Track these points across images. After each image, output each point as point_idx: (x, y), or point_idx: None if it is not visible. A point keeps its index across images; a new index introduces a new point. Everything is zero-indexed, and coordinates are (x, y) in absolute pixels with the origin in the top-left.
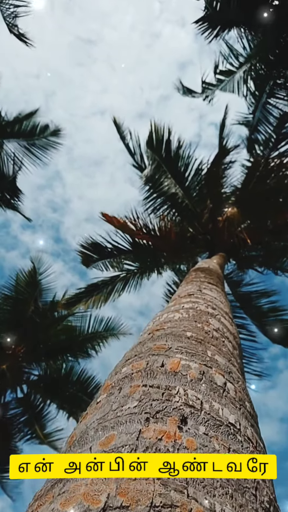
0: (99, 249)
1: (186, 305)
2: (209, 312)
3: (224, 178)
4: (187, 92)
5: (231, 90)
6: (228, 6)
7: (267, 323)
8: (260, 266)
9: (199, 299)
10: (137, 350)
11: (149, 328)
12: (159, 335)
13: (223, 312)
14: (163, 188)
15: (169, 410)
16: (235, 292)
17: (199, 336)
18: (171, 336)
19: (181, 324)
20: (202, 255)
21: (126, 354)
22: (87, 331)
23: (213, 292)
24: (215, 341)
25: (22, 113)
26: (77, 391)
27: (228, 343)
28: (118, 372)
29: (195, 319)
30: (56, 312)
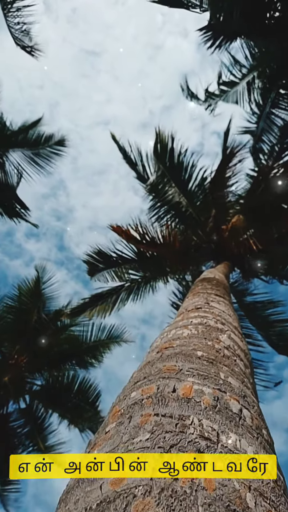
0: (104, 258)
1: (195, 320)
2: (218, 328)
3: (228, 187)
4: (191, 96)
5: (234, 101)
6: (231, 17)
7: (273, 333)
8: (266, 275)
9: (207, 314)
10: (146, 372)
11: (157, 346)
12: (169, 355)
13: (233, 327)
14: (167, 197)
15: (184, 444)
16: (240, 301)
17: (210, 356)
18: (181, 356)
19: (190, 341)
20: (206, 263)
21: (134, 375)
22: (90, 340)
23: (221, 305)
24: (227, 360)
25: (26, 122)
26: (79, 400)
27: (240, 361)
28: (127, 397)
29: (204, 336)
30: (59, 322)
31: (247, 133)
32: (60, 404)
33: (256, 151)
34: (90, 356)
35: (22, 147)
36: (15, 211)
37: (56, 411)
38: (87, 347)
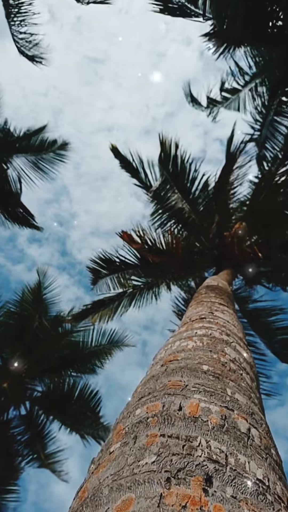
0: (107, 264)
1: (199, 331)
2: (223, 340)
3: (232, 193)
4: (193, 102)
5: (236, 108)
6: (234, 25)
7: (276, 341)
8: (269, 282)
9: (212, 324)
10: (150, 387)
11: (161, 358)
12: (174, 369)
13: (238, 338)
14: (170, 203)
15: (192, 468)
16: (242, 308)
17: (216, 370)
18: (187, 371)
19: (195, 354)
20: (209, 270)
21: (138, 390)
22: (91, 345)
23: (225, 315)
24: (233, 374)
25: (30, 129)
26: (80, 407)
27: (246, 375)
28: (132, 414)
29: (210, 348)
30: (60, 327)
31: (251, 140)
32: (60, 411)
33: (260, 158)
34: (91, 362)
35: (26, 152)
36: (19, 216)
37: (56, 417)
38: (88, 352)
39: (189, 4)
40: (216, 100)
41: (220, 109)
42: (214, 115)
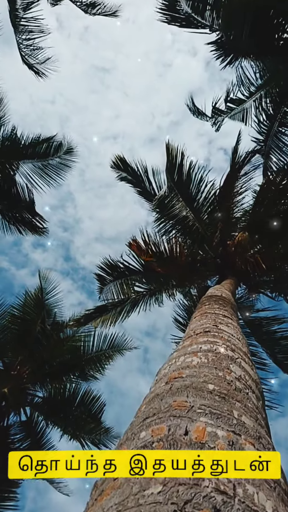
0: (112, 269)
1: (204, 346)
2: (229, 356)
3: (235, 203)
4: (197, 113)
5: (240, 119)
6: (240, 37)
7: (278, 351)
8: (271, 291)
9: (216, 339)
10: (155, 407)
11: (166, 374)
12: (179, 388)
13: (243, 354)
14: (174, 211)
15: (199, 500)
16: (245, 317)
17: (222, 390)
18: (192, 390)
19: (201, 372)
20: (212, 278)
21: (142, 409)
22: (92, 350)
23: (230, 328)
24: (239, 394)
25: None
26: (81, 413)
27: (252, 394)
28: (136, 437)
29: (215, 365)
30: (62, 332)
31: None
32: (61, 417)
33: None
34: (92, 367)
35: (33, 158)
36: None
37: (57, 424)
38: (89, 357)
39: (196, 15)
40: (221, 110)
41: (225, 119)
42: (218, 125)
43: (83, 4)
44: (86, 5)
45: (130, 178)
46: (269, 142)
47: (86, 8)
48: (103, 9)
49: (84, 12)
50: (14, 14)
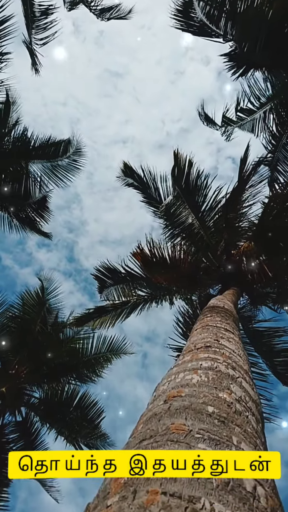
0: (112, 274)
1: (205, 363)
2: (229, 375)
3: (242, 213)
4: (207, 121)
5: (249, 129)
6: (254, 49)
7: (279, 363)
8: (274, 303)
9: (217, 355)
10: (152, 429)
11: (164, 391)
12: (178, 408)
13: (243, 372)
14: (180, 218)
15: None
16: (246, 328)
17: (222, 413)
18: (191, 412)
19: (200, 391)
20: (214, 287)
21: (139, 429)
22: (91, 352)
23: (231, 344)
24: (239, 418)
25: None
26: (77, 416)
27: (252, 417)
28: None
29: (215, 384)
30: (61, 333)
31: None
32: (57, 419)
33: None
34: (90, 370)
35: (43, 159)
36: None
37: (52, 425)
38: (88, 360)
39: (210, 24)
40: (231, 119)
41: (235, 128)
42: (228, 134)
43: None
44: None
45: (136, 185)
46: (277, 154)
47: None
48: (115, 13)
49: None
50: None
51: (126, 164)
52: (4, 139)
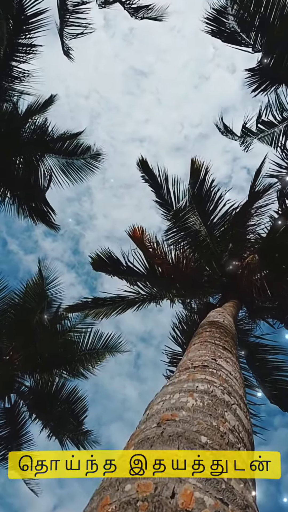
0: (114, 264)
1: (201, 385)
2: (225, 401)
3: (250, 225)
4: (226, 131)
5: (269, 142)
6: (280, 64)
7: (269, 380)
8: (272, 318)
9: (214, 377)
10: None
11: (158, 411)
12: (171, 435)
13: (239, 397)
14: (188, 224)
15: None
16: (242, 340)
17: (215, 444)
18: (184, 441)
19: (195, 418)
20: (215, 296)
21: (130, 450)
22: (86, 347)
23: (229, 365)
24: (231, 450)
25: (67, 132)
26: (65, 410)
27: (243, 448)
28: (121, 487)
29: (210, 411)
30: (59, 324)
31: (277, 176)
32: (45, 410)
33: (283, 196)
34: (83, 364)
35: (59, 154)
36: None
37: (39, 416)
38: (82, 354)
39: (241, 33)
40: (251, 130)
41: (254, 140)
42: (247, 145)
43: (131, 8)
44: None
45: (150, 182)
46: None
47: (133, 12)
48: (149, 13)
49: (131, 15)
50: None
51: (142, 159)
52: (26, 126)
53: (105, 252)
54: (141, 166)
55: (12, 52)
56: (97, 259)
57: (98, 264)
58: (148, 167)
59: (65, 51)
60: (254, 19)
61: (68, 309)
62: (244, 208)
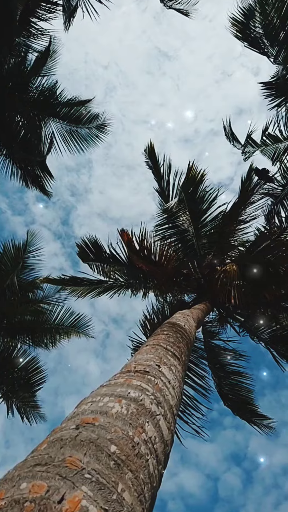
0: (97, 251)
1: (133, 393)
2: (150, 411)
3: (234, 234)
4: (231, 137)
5: (270, 157)
6: None
7: (225, 383)
8: (240, 326)
9: (149, 385)
10: (50, 456)
11: (84, 411)
12: (83, 440)
13: (168, 408)
14: (177, 221)
15: None
16: (206, 342)
17: (122, 455)
18: (93, 448)
19: (113, 425)
20: (190, 294)
21: (42, 447)
22: (54, 321)
23: (171, 373)
24: (138, 461)
25: (75, 98)
26: (20, 377)
27: (153, 460)
28: (18, 484)
29: (131, 420)
30: (32, 293)
31: (271, 193)
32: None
33: (272, 212)
34: (48, 337)
35: (64, 120)
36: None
37: None
38: (49, 327)
39: (265, 40)
40: (255, 141)
41: (256, 152)
42: (248, 155)
43: None
44: None
45: (153, 170)
46: (286, 189)
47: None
48: (178, 4)
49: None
50: None
51: (151, 145)
52: (33, 86)
53: (89, 241)
54: (148, 152)
55: (34, 8)
56: (82, 248)
57: (83, 254)
58: (154, 155)
59: None
60: (279, 32)
61: (45, 280)
62: (230, 216)
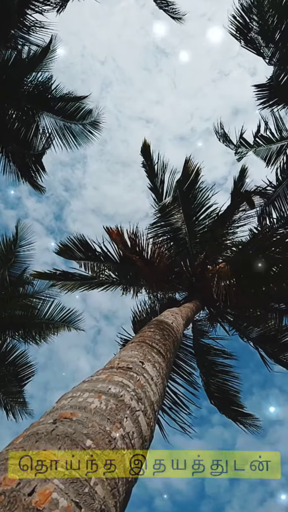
0: (86, 249)
1: (113, 389)
2: (130, 407)
3: (227, 234)
4: (223, 138)
5: (263, 158)
6: None
7: (213, 382)
8: (229, 325)
9: (131, 381)
10: (27, 445)
11: (63, 406)
12: (59, 434)
13: (148, 404)
14: (171, 219)
15: None
16: (195, 340)
17: (97, 449)
18: (68, 442)
19: (91, 420)
20: (181, 293)
21: (18, 441)
22: (44, 316)
23: (154, 370)
24: (113, 456)
25: (70, 93)
26: (9, 372)
27: (129, 455)
28: None
29: (110, 415)
30: (22, 287)
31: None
32: None
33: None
34: (38, 332)
35: (58, 115)
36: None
37: None
38: (39, 322)
39: (262, 41)
40: (248, 142)
41: (249, 152)
42: (241, 156)
43: None
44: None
45: (147, 168)
46: (279, 190)
47: None
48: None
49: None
50: None
51: (146, 143)
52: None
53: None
54: (143, 150)
55: None
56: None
57: (65, 251)
58: (149, 153)
59: None
60: (275, 32)
61: (35, 275)
62: (223, 216)
